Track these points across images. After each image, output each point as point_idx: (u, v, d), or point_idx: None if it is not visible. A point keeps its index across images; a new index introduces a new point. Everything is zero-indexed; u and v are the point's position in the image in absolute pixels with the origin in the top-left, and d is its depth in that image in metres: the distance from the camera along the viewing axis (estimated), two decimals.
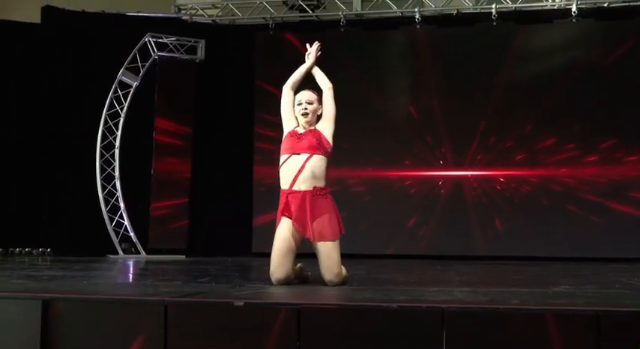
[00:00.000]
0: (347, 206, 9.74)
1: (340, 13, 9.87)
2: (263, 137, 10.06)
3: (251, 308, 3.30)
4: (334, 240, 4.42)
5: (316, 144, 4.50)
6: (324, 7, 10.12)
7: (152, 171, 9.42)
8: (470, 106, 9.65)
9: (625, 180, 9.20)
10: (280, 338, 3.16)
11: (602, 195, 9.23)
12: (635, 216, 9.08)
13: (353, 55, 9.96)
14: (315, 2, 10.10)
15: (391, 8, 9.90)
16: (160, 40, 9.60)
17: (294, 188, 4.45)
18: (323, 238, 4.40)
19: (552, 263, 8.07)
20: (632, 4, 9.35)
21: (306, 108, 4.62)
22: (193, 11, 10.36)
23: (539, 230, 9.24)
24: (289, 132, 4.63)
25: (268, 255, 9.76)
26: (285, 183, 4.52)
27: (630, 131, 9.18)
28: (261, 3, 10.12)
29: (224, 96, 10.19)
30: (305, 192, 4.44)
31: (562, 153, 9.40)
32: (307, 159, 4.45)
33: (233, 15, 10.34)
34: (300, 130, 4.62)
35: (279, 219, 4.55)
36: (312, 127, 4.64)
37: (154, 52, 9.54)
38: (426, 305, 3.28)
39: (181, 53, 9.73)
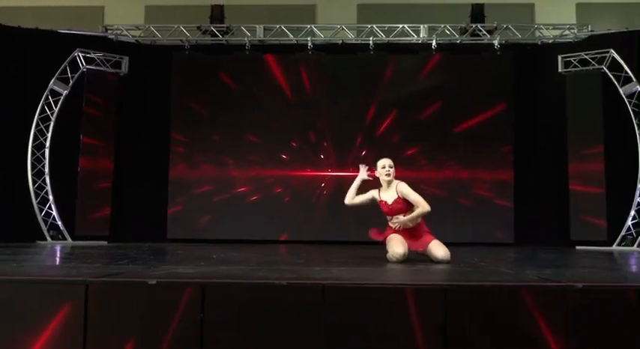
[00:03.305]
0: (251, 199, 9.78)
1: (246, 39, 9.81)
2: (178, 141, 9.90)
3: (162, 286, 3.24)
4: (434, 240, 5.28)
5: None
6: (232, 33, 10.02)
7: (79, 169, 9.05)
8: (351, 120, 9.82)
9: (474, 180, 9.62)
10: (186, 310, 3.12)
11: (455, 193, 9.62)
12: (481, 209, 9.55)
13: (256, 74, 9.93)
14: (224, 28, 9.98)
15: (288, 36, 9.93)
16: (88, 55, 9.22)
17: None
18: (427, 244, 5.27)
19: None
20: (478, 42, 9.82)
21: (388, 172, 5.46)
22: (119, 31, 10.00)
23: None
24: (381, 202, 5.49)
25: (181, 241, 9.53)
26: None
27: (484, 139, 9.61)
28: (178, 27, 9.91)
29: (145, 105, 9.93)
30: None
31: (426, 159, 9.72)
32: None
33: (154, 36, 10.06)
34: (386, 197, 5.49)
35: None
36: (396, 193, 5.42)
37: (82, 65, 9.16)
38: (310, 281, 3.32)
39: (107, 67, 9.38)
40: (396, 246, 5.20)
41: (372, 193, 5.53)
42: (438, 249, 5.19)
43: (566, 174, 9.08)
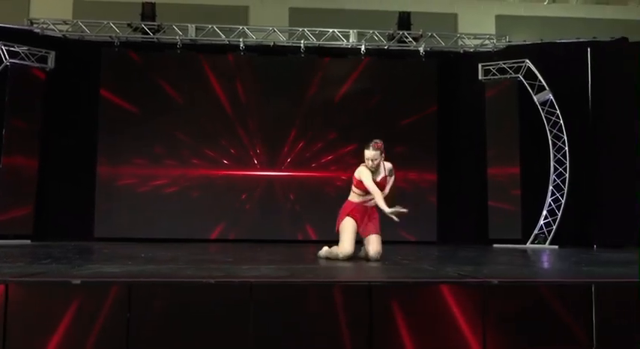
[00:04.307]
0: (181, 197, 9.59)
1: (177, 38, 9.62)
2: (106, 138, 9.59)
3: (87, 285, 3.11)
4: (375, 234, 5.32)
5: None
6: (164, 31, 9.79)
7: (0, 165, 8.60)
8: (282, 120, 9.81)
9: (400, 180, 9.78)
10: (112, 310, 3.01)
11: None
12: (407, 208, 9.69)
13: (187, 73, 9.76)
14: (155, 27, 9.74)
15: (220, 37, 9.81)
16: (12, 49, 8.79)
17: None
18: (370, 234, 5.31)
19: None
20: (404, 48, 10.02)
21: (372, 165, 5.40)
22: (45, 25, 9.57)
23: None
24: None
25: (109, 239, 9.16)
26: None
27: (410, 141, 9.74)
28: (107, 23, 9.59)
29: (72, 101, 9.56)
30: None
31: (355, 159, 9.76)
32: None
33: (82, 32, 9.69)
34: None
35: (344, 217, 5.38)
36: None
37: (5, 58, 8.72)
38: (238, 279, 3.27)
39: (33, 61, 8.96)
40: (347, 242, 5.21)
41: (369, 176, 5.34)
42: (372, 246, 5.24)
43: (486, 176, 9.40)
